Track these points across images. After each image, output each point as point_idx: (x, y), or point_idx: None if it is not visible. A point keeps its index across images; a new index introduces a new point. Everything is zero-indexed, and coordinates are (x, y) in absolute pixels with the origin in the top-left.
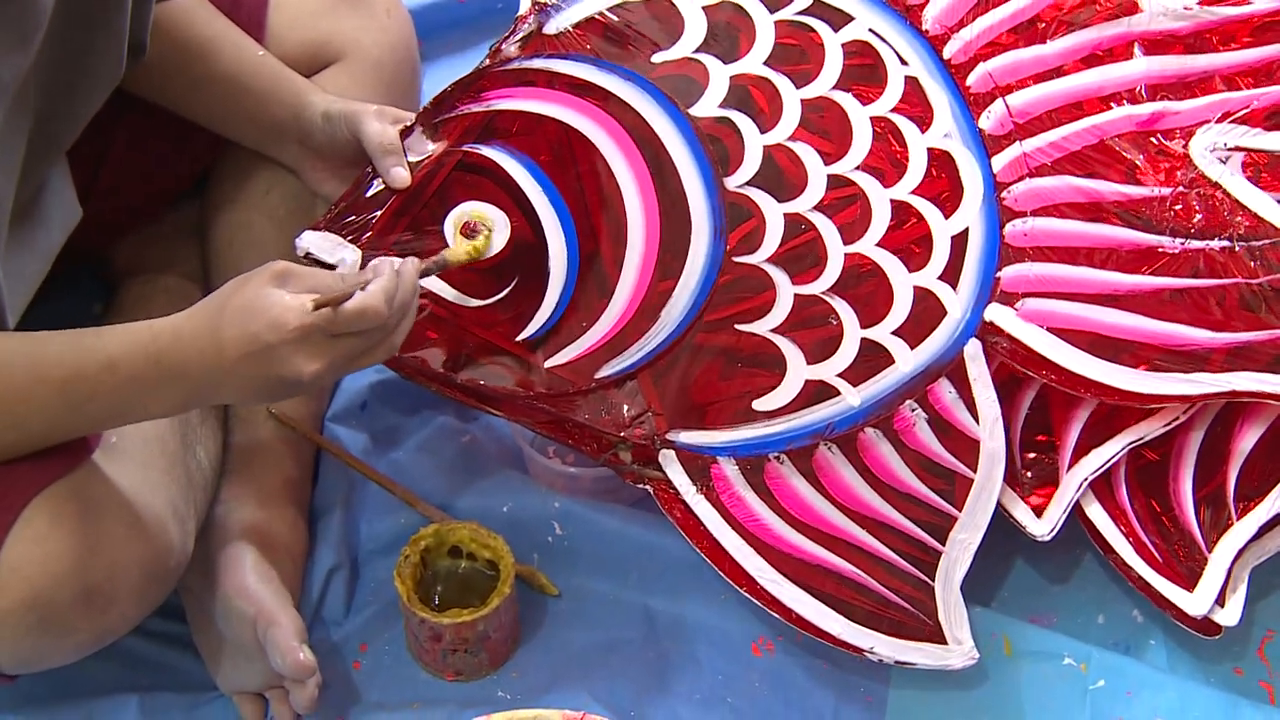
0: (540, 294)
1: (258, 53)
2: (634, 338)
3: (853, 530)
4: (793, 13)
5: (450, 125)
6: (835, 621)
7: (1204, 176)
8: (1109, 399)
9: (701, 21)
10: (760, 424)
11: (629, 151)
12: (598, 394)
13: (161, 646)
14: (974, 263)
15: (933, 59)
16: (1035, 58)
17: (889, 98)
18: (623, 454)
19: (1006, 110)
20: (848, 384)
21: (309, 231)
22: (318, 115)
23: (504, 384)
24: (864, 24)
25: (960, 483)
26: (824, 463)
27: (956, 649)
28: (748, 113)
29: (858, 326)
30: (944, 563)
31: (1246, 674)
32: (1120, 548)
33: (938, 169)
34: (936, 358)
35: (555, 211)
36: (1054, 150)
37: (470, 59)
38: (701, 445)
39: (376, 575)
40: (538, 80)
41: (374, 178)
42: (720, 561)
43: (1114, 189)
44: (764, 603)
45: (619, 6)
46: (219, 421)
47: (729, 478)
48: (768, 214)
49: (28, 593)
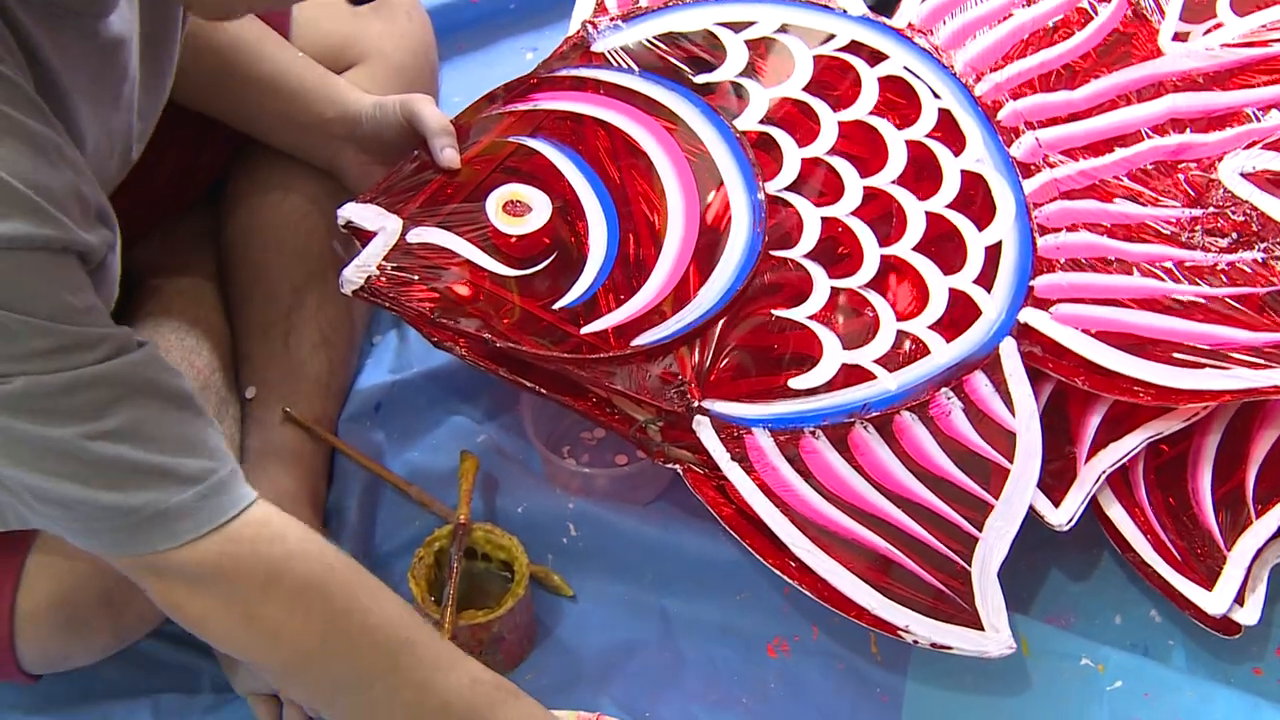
0: (579, 270)
1: (296, 54)
2: (670, 313)
3: (889, 509)
4: (831, 49)
5: (498, 120)
6: (871, 597)
7: (1234, 195)
8: (1145, 398)
9: (743, 52)
10: (796, 400)
11: (672, 151)
12: (633, 363)
13: (177, 648)
14: (1008, 270)
15: (965, 95)
16: (1064, 101)
17: (923, 124)
18: (652, 430)
19: (1036, 143)
20: (884, 369)
21: (351, 203)
22: (366, 106)
23: (540, 349)
24: (899, 62)
25: (996, 472)
26: (860, 442)
27: (994, 636)
28: (786, 129)
29: (894, 319)
30: (980, 549)
31: (1266, 674)
32: (1139, 546)
33: (971, 187)
34: (972, 352)
35: (597, 197)
36: (1083, 178)
37: (483, 58)
38: (736, 416)
39: (391, 576)
40: (586, 86)
41: (418, 160)
42: (750, 537)
43: (1144, 211)
44: (794, 577)
45: (665, 35)
46: (237, 421)
47: (764, 449)
48: (805, 216)
49: (55, 591)
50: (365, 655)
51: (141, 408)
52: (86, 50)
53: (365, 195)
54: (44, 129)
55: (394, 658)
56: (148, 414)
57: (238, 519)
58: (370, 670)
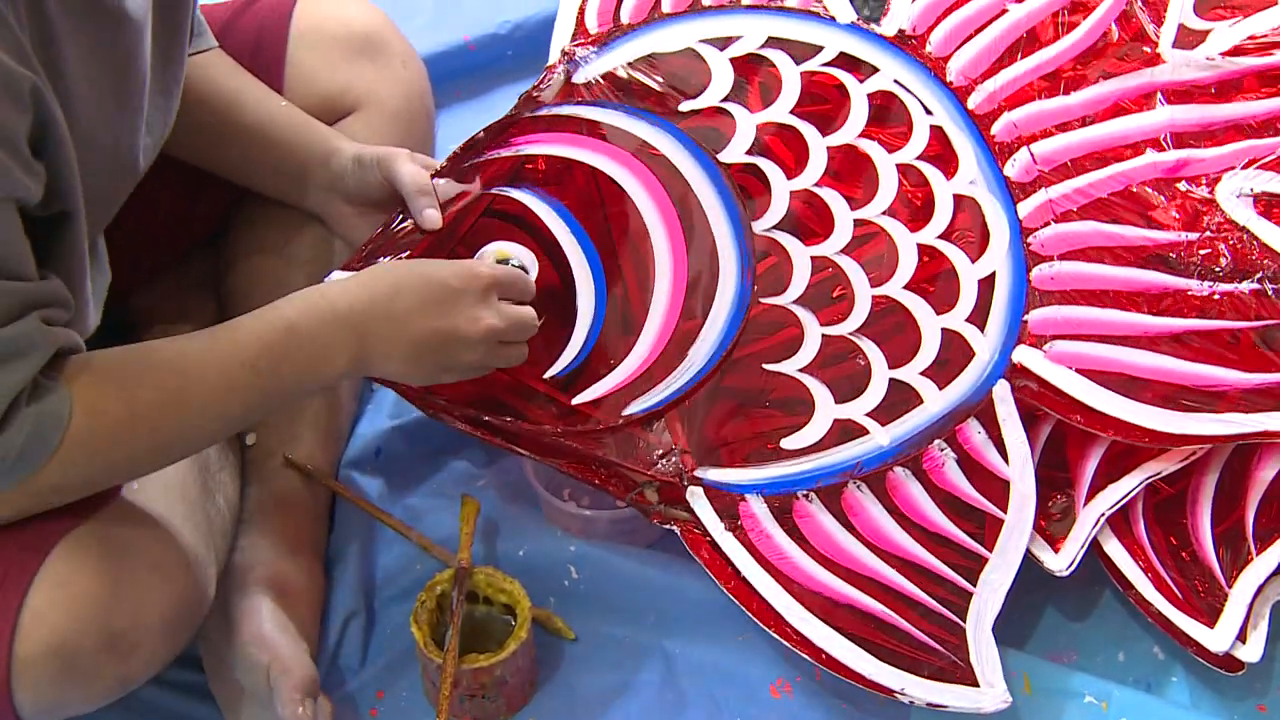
0: (568, 332)
1: (280, 103)
2: (661, 376)
3: (882, 570)
4: (818, 64)
5: (480, 169)
6: (866, 662)
7: (1230, 220)
8: (1140, 440)
9: (728, 73)
10: (788, 462)
11: (656, 194)
12: (625, 432)
13: (179, 695)
14: (1001, 306)
15: (957, 109)
16: (1060, 108)
17: (914, 146)
18: (649, 494)
19: (1031, 158)
20: (876, 423)
21: (338, 271)
22: (348, 160)
23: (530, 422)
24: (889, 75)
25: (990, 523)
26: (853, 501)
27: (989, 691)
28: (774, 160)
29: (885, 367)
30: (975, 604)
31: (1270, 710)
32: (1139, 584)
33: (964, 214)
34: (965, 398)
35: (583, 252)
36: (1080, 196)
37: (480, 106)
38: (730, 483)
39: (393, 621)
40: (566, 126)
41: (403, 219)
42: (747, 601)
43: (1140, 234)
44: (792, 642)
45: (646, 58)
46: (237, 469)
47: (757, 516)
48: (795, 257)
49: (52, 639)
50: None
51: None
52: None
53: (351, 261)
54: (22, 70)
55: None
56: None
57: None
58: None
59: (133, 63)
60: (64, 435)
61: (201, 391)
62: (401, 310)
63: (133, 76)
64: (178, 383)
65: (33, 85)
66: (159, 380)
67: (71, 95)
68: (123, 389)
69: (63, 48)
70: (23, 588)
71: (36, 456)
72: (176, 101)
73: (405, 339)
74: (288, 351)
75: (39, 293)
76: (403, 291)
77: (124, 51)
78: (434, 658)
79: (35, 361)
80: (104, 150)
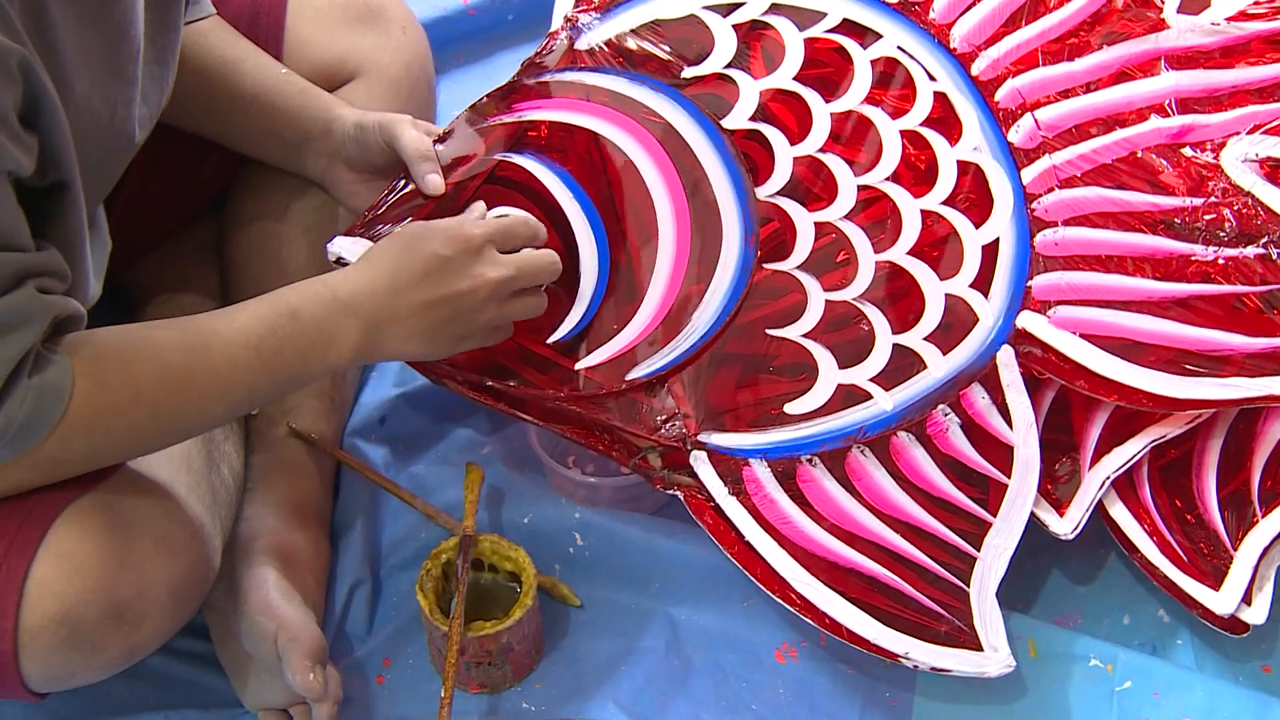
0: (571, 298)
1: (280, 71)
2: (664, 341)
3: (887, 534)
4: (821, 30)
5: (482, 135)
6: (870, 626)
7: (1235, 185)
8: (1144, 404)
9: (731, 39)
10: (792, 427)
11: (659, 159)
12: (628, 397)
13: (187, 664)
14: (1005, 271)
15: (961, 75)
16: (1064, 74)
17: (918, 112)
18: (652, 459)
19: (1035, 124)
20: (880, 388)
21: (340, 237)
22: (350, 126)
23: (534, 387)
24: (892, 41)
25: (995, 488)
26: (857, 466)
27: (993, 656)
28: (777, 125)
29: (889, 332)
30: (979, 569)
31: (1276, 671)
32: (1144, 547)
33: (967, 181)
34: (969, 364)
35: (586, 217)
36: (1083, 163)
37: (481, 71)
38: (733, 448)
39: (399, 589)
40: (569, 92)
41: (405, 185)
42: (751, 565)
43: (1145, 199)
44: (796, 608)
45: (650, 24)
46: (241, 439)
47: (761, 480)
48: (798, 222)
49: (57, 608)
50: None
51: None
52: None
53: (354, 228)
54: (9, 43)
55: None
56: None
57: None
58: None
59: (126, 33)
60: (66, 409)
61: (204, 370)
62: (402, 290)
63: (126, 47)
64: (181, 360)
65: (21, 58)
66: (162, 356)
67: (64, 67)
68: (125, 364)
69: (54, 19)
70: (28, 558)
71: (38, 429)
72: (173, 71)
73: (413, 318)
74: (290, 335)
75: (34, 262)
76: (400, 272)
77: (116, 22)
78: (440, 625)
79: (34, 331)
80: (99, 121)
